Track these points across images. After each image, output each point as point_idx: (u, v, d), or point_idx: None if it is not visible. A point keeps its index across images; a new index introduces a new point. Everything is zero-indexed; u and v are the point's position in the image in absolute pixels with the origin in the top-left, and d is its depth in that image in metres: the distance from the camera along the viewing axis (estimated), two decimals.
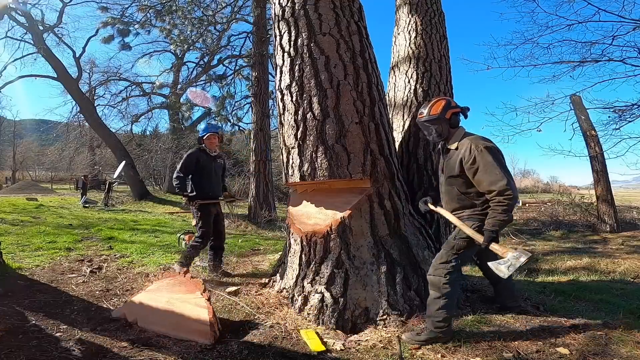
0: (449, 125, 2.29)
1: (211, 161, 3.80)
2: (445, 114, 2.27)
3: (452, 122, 2.29)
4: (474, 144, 2.13)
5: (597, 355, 2.07)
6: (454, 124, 2.30)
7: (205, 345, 2.11)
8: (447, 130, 2.30)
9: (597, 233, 9.48)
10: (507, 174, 2.05)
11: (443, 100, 2.35)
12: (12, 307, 2.58)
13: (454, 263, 2.15)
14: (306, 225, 2.77)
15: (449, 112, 2.28)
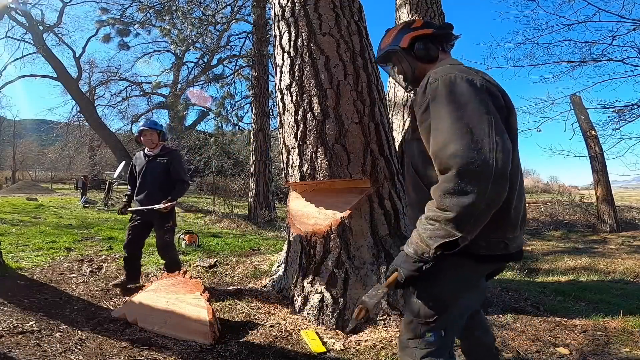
0: (415, 60, 1.32)
1: (145, 162, 3.31)
2: (399, 42, 1.33)
3: (417, 54, 1.31)
4: (432, 76, 1.11)
5: (597, 355, 2.07)
6: (423, 56, 1.31)
7: (205, 345, 2.11)
8: (411, 68, 1.34)
9: (597, 233, 9.49)
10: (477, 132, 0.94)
11: (401, 24, 1.40)
12: (12, 307, 2.58)
13: (430, 339, 1.14)
14: (306, 225, 2.77)
15: (406, 39, 1.32)
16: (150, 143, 3.33)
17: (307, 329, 2.37)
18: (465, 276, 1.14)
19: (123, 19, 12.21)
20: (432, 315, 1.11)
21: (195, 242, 5.42)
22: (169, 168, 3.26)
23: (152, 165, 3.28)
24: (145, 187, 3.25)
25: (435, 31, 1.31)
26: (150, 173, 3.26)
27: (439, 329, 1.13)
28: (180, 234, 5.77)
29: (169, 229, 3.25)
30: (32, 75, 17.08)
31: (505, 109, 1.07)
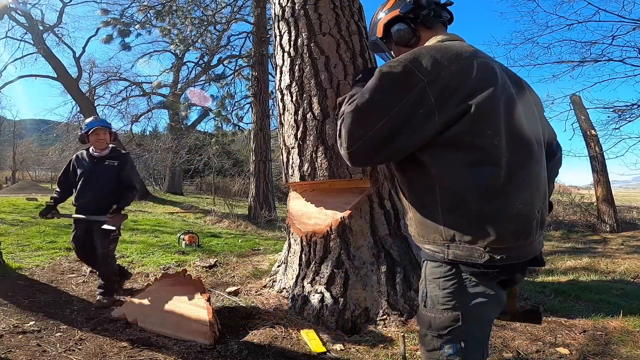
0: (396, 46, 1.22)
1: (91, 164, 3.00)
2: (376, 31, 1.26)
3: (395, 40, 1.21)
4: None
5: (597, 355, 2.07)
6: (399, 41, 1.20)
7: (205, 345, 2.11)
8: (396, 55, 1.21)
9: (597, 233, 9.49)
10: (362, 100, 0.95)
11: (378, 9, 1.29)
12: (12, 307, 2.58)
13: (449, 352, 1.02)
14: (306, 225, 2.77)
15: (380, 27, 1.23)
16: (103, 143, 3.01)
17: (307, 329, 2.37)
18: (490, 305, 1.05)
19: (123, 19, 12.20)
20: (445, 328, 1.02)
21: (195, 242, 5.42)
22: (119, 172, 3.01)
23: (100, 168, 2.97)
24: (90, 191, 2.93)
25: (401, 11, 1.17)
26: (97, 177, 2.96)
27: (457, 341, 1.01)
28: (180, 234, 5.77)
29: (114, 238, 2.98)
30: (32, 75, 17.08)
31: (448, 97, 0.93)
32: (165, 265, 4.08)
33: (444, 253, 0.99)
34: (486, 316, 1.09)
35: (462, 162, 0.94)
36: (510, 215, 0.94)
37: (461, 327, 1.01)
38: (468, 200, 0.94)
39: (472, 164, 0.94)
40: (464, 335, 1.01)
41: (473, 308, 1.02)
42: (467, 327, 1.01)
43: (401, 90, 0.94)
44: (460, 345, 1.01)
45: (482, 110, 0.94)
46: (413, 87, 0.93)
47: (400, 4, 1.19)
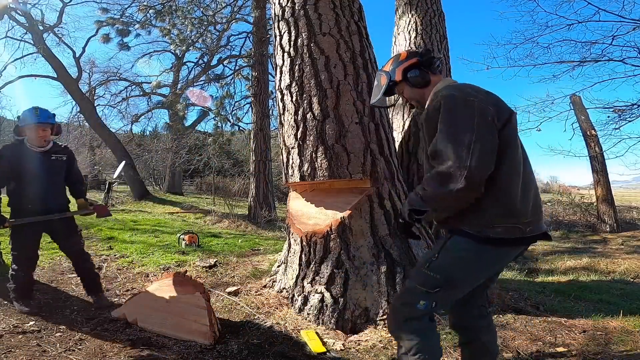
0: (412, 87, 1.53)
1: (40, 159, 2.67)
2: (394, 75, 1.54)
3: (412, 82, 1.51)
4: (439, 95, 1.35)
5: (597, 355, 2.07)
6: (417, 83, 1.50)
7: (205, 345, 2.11)
8: (411, 95, 1.55)
9: (597, 233, 9.49)
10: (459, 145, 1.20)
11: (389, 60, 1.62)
12: (12, 307, 2.58)
13: (420, 307, 1.32)
14: (306, 225, 2.77)
15: (399, 72, 1.52)
16: (46, 139, 2.69)
17: (307, 329, 2.37)
18: (485, 260, 1.31)
19: (123, 19, 12.20)
20: (435, 287, 1.29)
21: (195, 242, 5.42)
22: (69, 167, 2.83)
23: (49, 164, 2.70)
24: (43, 188, 2.65)
25: (420, 59, 1.52)
26: (48, 172, 2.68)
27: (433, 301, 1.32)
28: (180, 234, 5.76)
29: (80, 232, 2.86)
30: (32, 75, 17.01)
31: (496, 122, 1.26)
32: (165, 265, 4.08)
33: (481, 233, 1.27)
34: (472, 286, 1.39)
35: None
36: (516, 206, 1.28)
37: (448, 291, 1.32)
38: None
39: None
40: (442, 298, 1.34)
41: (469, 281, 1.35)
42: (451, 293, 1.34)
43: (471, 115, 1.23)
44: (432, 305, 1.33)
45: (512, 125, 1.30)
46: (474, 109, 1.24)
47: (417, 54, 1.53)
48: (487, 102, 1.27)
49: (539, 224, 1.33)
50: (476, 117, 1.21)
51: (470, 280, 1.35)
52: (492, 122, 1.23)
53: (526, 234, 1.27)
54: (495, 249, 1.28)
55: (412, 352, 1.32)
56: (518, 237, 1.27)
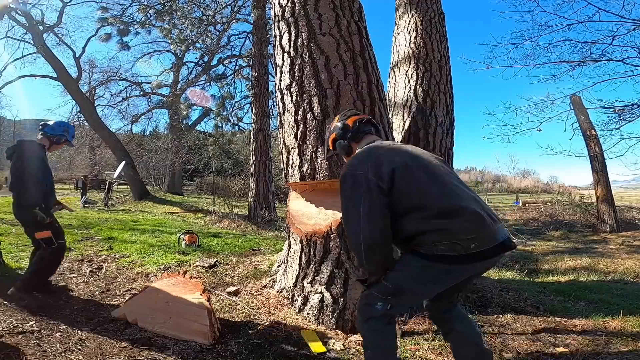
0: (340, 155, 1.90)
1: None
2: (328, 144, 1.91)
3: (339, 151, 1.86)
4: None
5: (597, 355, 2.07)
6: (341, 153, 1.86)
7: (205, 345, 2.11)
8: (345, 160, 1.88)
9: (597, 233, 9.49)
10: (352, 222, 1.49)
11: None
12: (12, 307, 2.58)
13: (378, 308, 1.53)
14: (306, 225, 2.77)
15: (330, 142, 1.89)
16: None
17: (307, 329, 2.37)
18: (430, 275, 1.45)
19: (123, 18, 12.19)
20: (388, 295, 1.50)
21: (195, 242, 5.42)
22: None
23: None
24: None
25: (337, 134, 1.82)
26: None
27: (388, 304, 1.51)
28: (180, 234, 5.77)
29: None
30: (32, 75, 17.03)
31: (382, 183, 1.45)
32: (165, 265, 4.08)
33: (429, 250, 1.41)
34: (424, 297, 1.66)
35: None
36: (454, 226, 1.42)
37: (398, 298, 1.51)
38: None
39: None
40: (395, 303, 1.52)
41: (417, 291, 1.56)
42: (402, 299, 1.54)
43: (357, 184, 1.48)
44: (387, 307, 1.51)
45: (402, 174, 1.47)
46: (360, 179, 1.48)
47: (336, 129, 1.83)
48: (369, 170, 1.48)
49: (489, 237, 1.38)
50: (362, 189, 1.46)
51: (418, 291, 1.55)
52: (376, 187, 1.44)
53: (470, 250, 1.34)
54: (441, 265, 1.40)
55: (369, 347, 1.55)
56: (461, 254, 1.35)
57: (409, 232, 1.44)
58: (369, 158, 1.55)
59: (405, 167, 1.48)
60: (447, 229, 1.36)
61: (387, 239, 1.46)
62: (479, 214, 1.39)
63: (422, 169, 1.50)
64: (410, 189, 1.45)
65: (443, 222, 1.37)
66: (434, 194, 1.43)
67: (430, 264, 1.41)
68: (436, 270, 1.42)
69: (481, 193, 38.51)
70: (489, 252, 1.37)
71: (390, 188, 1.45)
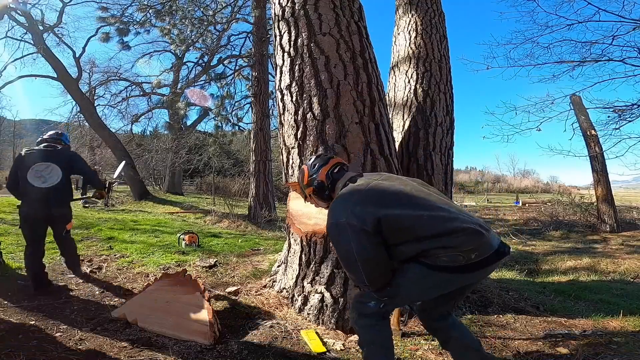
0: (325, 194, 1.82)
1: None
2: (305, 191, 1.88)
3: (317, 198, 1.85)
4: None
5: (597, 355, 2.07)
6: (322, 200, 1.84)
7: (205, 345, 2.11)
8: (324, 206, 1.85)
9: (597, 233, 9.49)
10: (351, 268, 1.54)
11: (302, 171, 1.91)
12: (12, 307, 2.58)
13: (371, 306, 1.58)
14: (306, 225, 2.76)
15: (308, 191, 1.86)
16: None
17: (307, 329, 2.37)
18: (431, 282, 1.48)
19: (123, 18, 12.19)
20: (384, 296, 1.54)
21: (195, 242, 5.42)
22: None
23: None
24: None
25: (315, 188, 1.80)
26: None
27: (381, 303, 1.56)
28: (180, 234, 5.77)
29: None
30: (32, 75, 17.00)
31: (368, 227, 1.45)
32: (165, 265, 4.08)
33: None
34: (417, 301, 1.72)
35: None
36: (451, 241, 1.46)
37: (392, 300, 1.56)
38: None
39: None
40: (387, 303, 1.56)
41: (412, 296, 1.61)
42: (395, 301, 1.60)
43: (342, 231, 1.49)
44: (380, 305, 1.55)
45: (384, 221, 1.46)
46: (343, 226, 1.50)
47: (312, 182, 1.81)
48: (350, 217, 1.48)
49: (486, 246, 1.42)
50: (347, 233, 1.47)
51: (415, 295, 1.60)
52: (361, 229, 1.45)
53: (472, 260, 1.39)
54: (444, 274, 1.43)
55: (365, 344, 1.58)
56: (463, 264, 1.39)
57: (410, 254, 1.47)
58: (346, 207, 1.54)
59: (388, 215, 1.47)
60: (447, 244, 1.40)
61: (387, 269, 1.50)
62: (473, 228, 1.42)
63: (407, 206, 1.48)
64: (400, 230, 1.46)
65: (442, 240, 1.41)
66: (425, 226, 1.44)
67: (432, 272, 1.43)
68: (438, 278, 1.45)
69: (481, 193, 38.50)
70: (488, 260, 1.42)
71: (378, 231, 1.46)
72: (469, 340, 1.65)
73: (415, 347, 2.14)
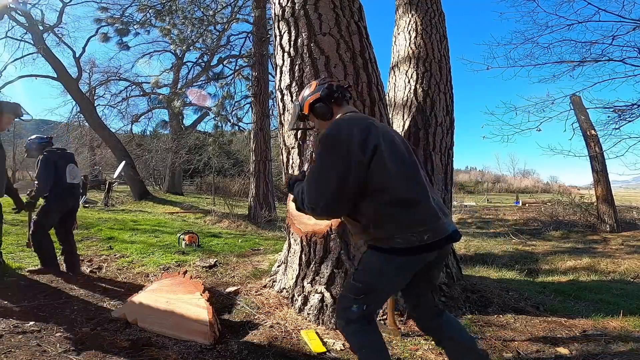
0: (317, 119, 1.73)
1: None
2: (302, 108, 1.76)
3: (316, 115, 1.71)
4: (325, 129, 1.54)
5: (597, 355, 2.07)
6: (320, 116, 1.70)
7: (205, 345, 2.11)
8: (322, 126, 1.73)
9: (597, 233, 9.49)
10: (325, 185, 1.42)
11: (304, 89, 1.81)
12: (12, 307, 2.58)
13: (354, 310, 1.52)
14: (306, 225, 2.77)
15: (306, 106, 1.73)
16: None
17: (307, 329, 2.37)
18: (393, 268, 1.47)
19: (123, 18, 12.20)
20: (360, 294, 1.51)
21: (195, 242, 5.42)
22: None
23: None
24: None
25: (321, 94, 1.68)
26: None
27: (363, 304, 1.52)
28: (180, 234, 5.77)
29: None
30: (32, 75, 17.01)
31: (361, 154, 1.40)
32: (165, 265, 4.08)
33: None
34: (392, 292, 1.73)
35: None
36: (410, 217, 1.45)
37: (370, 296, 1.52)
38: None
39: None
40: (369, 302, 1.52)
41: (386, 286, 1.54)
42: (374, 296, 1.54)
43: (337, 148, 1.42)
44: (363, 308, 1.51)
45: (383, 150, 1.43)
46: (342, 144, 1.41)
47: (320, 89, 1.68)
48: (355, 135, 1.42)
49: (440, 229, 1.44)
50: (340, 155, 1.40)
51: (386, 286, 1.54)
52: (356, 159, 1.39)
53: (424, 242, 1.40)
54: (401, 257, 1.44)
55: (356, 349, 1.56)
56: (416, 245, 1.40)
57: (367, 218, 1.45)
58: (358, 123, 1.48)
59: (384, 149, 1.44)
60: (403, 219, 1.40)
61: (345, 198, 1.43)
62: (433, 208, 1.45)
63: (397, 155, 1.48)
64: (381, 171, 1.42)
65: (399, 211, 1.40)
66: (399, 182, 1.43)
67: (390, 257, 1.44)
68: (397, 263, 1.46)
69: (481, 193, 38.50)
70: (439, 243, 1.44)
71: (368, 163, 1.40)
72: (464, 338, 1.64)
73: (415, 347, 2.14)
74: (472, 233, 10.15)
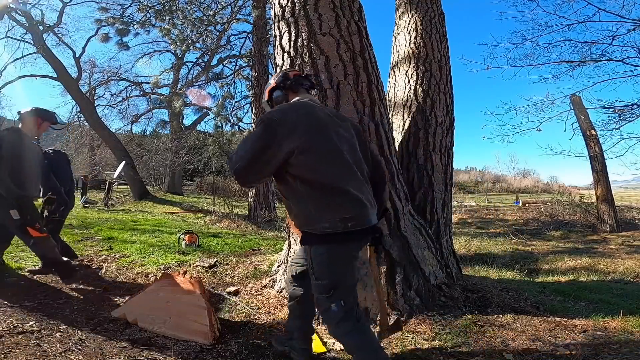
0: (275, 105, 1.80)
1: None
2: (265, 95, 1.88)
3: (274, 102, 1.81)
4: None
5: (597, 355, 2.07)
6: (276, 102, 1.80)
7: (205, 345, 2.11)
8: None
9: (597, 233, 9.49)
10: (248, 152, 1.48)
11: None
12: (12, 307, 2.58)
13: (335, 309, 1.53)
14: None
15: (266, 92, 1.86)
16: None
17: None
18: (336, 255, 1.52)
19: (123, 18, 12.19)
20: (329, 290, 1.52)
21: (195, 242, 5.42)
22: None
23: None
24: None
25: (277, 82, 1.80)
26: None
27: (339, 300, 1.52)
28: (180, 234, 5.77)
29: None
30: (32, 75, 17.00)
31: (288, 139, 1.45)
32: (165, 265, 4.08)
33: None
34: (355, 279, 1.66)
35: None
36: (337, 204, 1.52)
37: (339, 289, 1.52)
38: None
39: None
40: (342, 296, 1.53)
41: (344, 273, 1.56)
42: (343, 289, 1.54)
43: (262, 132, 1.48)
44: (341, 304, 1.52)
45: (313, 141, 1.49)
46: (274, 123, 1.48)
47: (277, 77, 1.80)
48: (288, 120, 1.49)
49: (364, 219, 1.51)
50: (264, 135, 1.47)
51: (344, 274, 1.56)
52: (277, 135, 1.46)
53: (349, 229, 1.46)
54: (339, 245, 1.51)
55: (352, 351, 1.56)
56: (341, 231, 1.46)
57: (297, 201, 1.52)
58: (297, 109, 1.55)
59: (315, 136, 1.50)
60: (331, 205, 1.47)
61: (247, 184, 1.58)
62: (360, 197, 1.51)
63: (330, 143, 1.53)
64: (310, 156, 1.48)
65: (328, 198, 1.47)
66: (330, 173, 1.49)
67: (328, 247, 1.50)
68: (337, 250, 1.52)
69: (481, 193, 38.50)
70: (362, 233, 1.52)
71: (294, 147, 1.46)
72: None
73: (415, 347, 2.14)
74: (472, 233, 10.15)
